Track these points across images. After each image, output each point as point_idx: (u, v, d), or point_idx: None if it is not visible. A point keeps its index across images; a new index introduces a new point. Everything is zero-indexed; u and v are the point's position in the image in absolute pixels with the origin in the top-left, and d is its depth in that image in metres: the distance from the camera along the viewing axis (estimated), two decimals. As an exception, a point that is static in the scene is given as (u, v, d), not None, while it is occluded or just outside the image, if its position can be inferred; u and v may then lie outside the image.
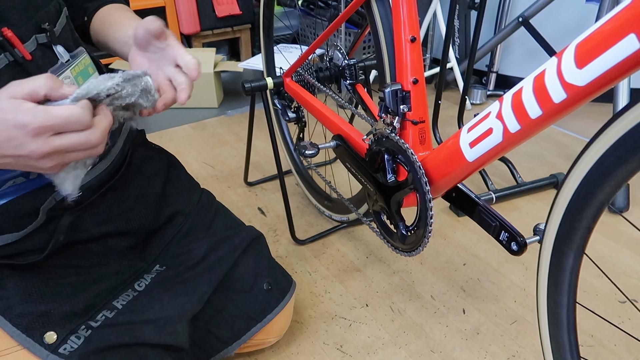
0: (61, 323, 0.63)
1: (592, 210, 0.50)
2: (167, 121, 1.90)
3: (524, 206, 1.33)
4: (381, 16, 0.79)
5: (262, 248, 0.86)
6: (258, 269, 0.83)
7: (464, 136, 0.63)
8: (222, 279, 0.79)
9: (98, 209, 0.74)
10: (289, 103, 1.13)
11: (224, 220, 0.87)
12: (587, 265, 1.05)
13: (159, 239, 0.80)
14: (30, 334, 0.61)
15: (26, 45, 0.61)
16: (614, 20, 0.42)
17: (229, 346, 0.80)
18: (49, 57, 0.64)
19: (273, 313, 0.82)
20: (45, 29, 0.63)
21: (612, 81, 0.44)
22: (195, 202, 0.85)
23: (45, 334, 0.61)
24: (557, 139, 1.69)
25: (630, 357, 0.88)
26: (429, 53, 2.20)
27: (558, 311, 0.59)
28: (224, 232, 0.83)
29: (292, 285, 0.88)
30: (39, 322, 0.62)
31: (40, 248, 0.67)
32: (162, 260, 0.78)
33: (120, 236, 0.75)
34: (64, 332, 0.62)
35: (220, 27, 2.29)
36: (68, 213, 0.70)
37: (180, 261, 0.78)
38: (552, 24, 1.87)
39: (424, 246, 0.76)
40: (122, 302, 0.69)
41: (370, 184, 0.83)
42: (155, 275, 0.76)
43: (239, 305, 0.80)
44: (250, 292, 0.81)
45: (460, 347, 0.91)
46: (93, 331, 0.64)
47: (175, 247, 0.80)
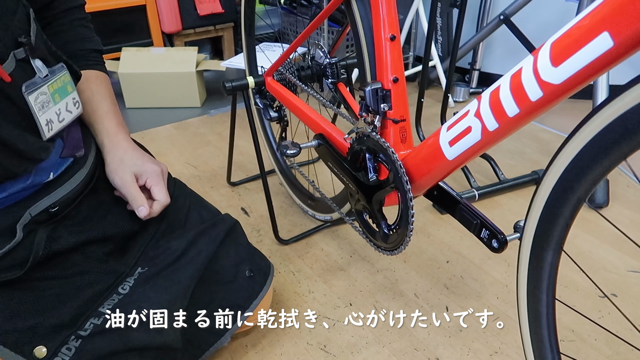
0: (50, 336, 0.61)
1: (570, 206, 0.50)
2: (149, 121, 1.88)
3: (506, 203, 1.34)
4: (361, 15, 0.79)
5: (239, 236, 0.87)
6: (239, 258, 0.84)
7: (443, 134, 0.63)
8: (206, 273, 0.79)
9: (73, 220, 0.72)
10: (270, 102, 1.13)
11: (199, 211, 0.86)
12: (569, 261, 1.06)
13: (136, 243, 0.79)
14: (19, 351, 0.59)
15: (5, 66, 0.58)
16: (588, 19, 0.42)
17: (222, 337, 0.80)
18: (28, 73, 0.62)
19: (259, 298, 0.83)
20: (23, 43, 0.61)
21: (587, 79, 0.44)
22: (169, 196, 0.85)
23: (34, 348, 0.60)
24: (538, 136, 1.71)
25: (610, 351, 0.89)
26: (412, 51, 2.20)
27: (537, 307, 0.59)
28: (200, 226, 0.83)
29: (271, 268, 0.89)
30: (27, 337, 0.60)
31: (19, 263, 0.65)
32: (142, 263, 0.78)
33: (98, 243, 0.74)
34: (53, 345, 0.61)
35: (203, 26, 2.27)
36: (43, 227, 0.68)
37: (160, 260, 0.78)
38: (533, 21, 1.89)
39: (406, 245, 0.76)
40: (107, 307, 0.68)
41: (352, 183, 0.83)
42: (138, 276, 0.75)
43: (226, 296, 0.80)
44: (234, 281, 0.82)
45: (443, 344, 0.91)
46: (83, 340, 0.63)
47: (153, 248, 0.79)
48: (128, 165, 0.75)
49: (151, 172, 0.76)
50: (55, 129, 0.66)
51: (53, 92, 0.65)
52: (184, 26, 2.21)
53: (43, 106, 0.63)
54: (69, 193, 0.70)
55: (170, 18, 2.16)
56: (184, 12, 2.18)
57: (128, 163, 0.75)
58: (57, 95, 0.65)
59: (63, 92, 0.67)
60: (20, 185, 0.65)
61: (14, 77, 0.59)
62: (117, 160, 0.75)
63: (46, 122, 0.64)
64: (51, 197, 0.68)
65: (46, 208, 0.67)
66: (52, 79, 0.65)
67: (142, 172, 0.76)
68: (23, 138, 0.61)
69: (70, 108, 0.69)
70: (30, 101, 0.61)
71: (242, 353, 0.90)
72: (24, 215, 0.65)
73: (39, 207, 0.66)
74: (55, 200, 0.68)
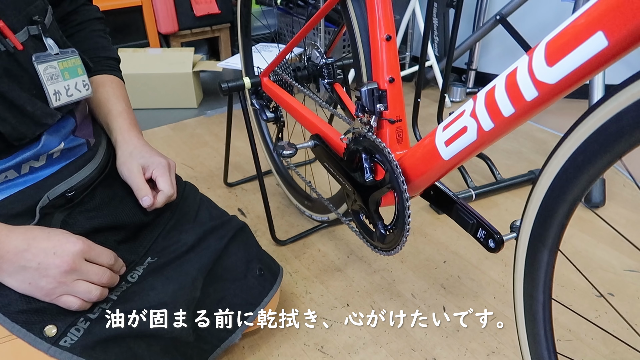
0: (60, 317, 0.63)
1: (565, 206, 0.50)
2: (146, 122, 1.87)
3: (503, 203, 1.34)
4: (357, 15, 0.79)
5: (248, 237, 0.89)
6: (249, 257, 0.85)
7: (439, 135, 0.63)
8: (216, 269, 0.80)
9: (88, 206, 0.75)
10: (267, 103, 1.12)
11: (209, 210, 0.88)
12: (565, 260, 1.07)
13: (148, 233, 0.81)
14: (30, 328, 0.61)
15: (18, 36, 0.64)
16: (583, 18, 0.42)
17: (233, 333, 0.80)
18: (40, 48, 0.67)
19: (269, 295, 0.84)
20: (37, 21, 0.67)
21: (582, 78, 0.44)
22: (179, 195, 0.86)
23: (45, 327, 0.61)
24: (535, 136, 1.71)
25: (607, 350, 0.89)
26: (409, 51, 2.20)
27: (534, 307, 0.59)
28: (210, 223, 0.85)
29: (280, 269, 0.91)
30: (38, 316, 0.62)
31: None
32: (152, 253, 0.79)
33: (111, 230, 0.76)
34: (63, 325, 0.62)
35: (199, 27, 2.27)
36: (59, 211, 0.71)
37: (170, 251, 0.79)
38: (529, 21, 1.89)
39: (402, 245, 0.76)
40: (116, 294, 0.70)
41: (349, 184, 0.83)
42: (147, 266, 0.76)
43: (237, 293, 0.81)
44: (245, 278, 0.83)
45: (440, 344, 0.91)
46: (92, 323, 0.64)
47: (164, 239, 0.81)
48: (136, 157, 0.78)
49: (157, 164, 0.79)
50: (62, 100, 0.70)
51: (63, 70, 0.69)
52: (180, 27, 2.20)
53: (52, 77, 0.68)
54: (85, 179, 0.74)
55: (167, 19, 2.15)
56: (180, 12, 2.18)
57: (136, 156, 0.79)
58: (66, 73, 0.70)
59: (73, 72, 0.71)
60: (32, 151, 0.68)
61: (26, 47, 0.65)
62: (126, 153, 0.79)
63: (54, 92, 0.69)
64: (68, 182, 0.71)
65: (63, 192, 0.70)
66: (62, 58, 0.70)
67: (149, 164, 0.79)
68: (32, 102, 0.66)
69: (79, 87, 0.73)
70: (39, 70, 0.66)
71: (239, 354, 0.90)
72: (43, 198, 0.68)
73: (56, 191, 0.70)
74: (71, 185, 0.72)
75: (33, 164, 0.69)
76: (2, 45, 0.62)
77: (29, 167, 0.69)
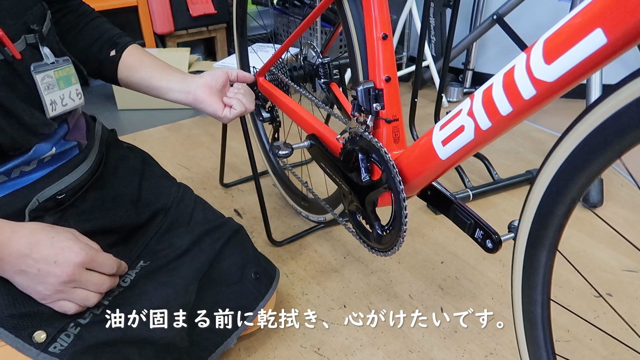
0: (50, 322, 0.62)
1: (564, 206, 0.50)
2: (141, 123, 1.86)
3: (500, 203, 1.34)
4: (352, 14, 0.78)
5: (244, 239, 0.87)
6: (245, 260, 0.84)
7: (436, 134, 0.62)
8: (211, 273, 0.79)
9: (79, 209, 0.74)
10: (263, 103, 1.11)
11: (204, 212, 0.87)
12: (564, 261, 1.06)
13: (141, 236, 0.79)
14: (19, 334, 0.60)
15: (16, 45, 0.63)
16: (581, 15, 0.41)
17: (228, 338, 0.79)
18: (37, 57, 0.67)
19: (264, 300, 0.84)
20: (34, 30, 0.66)
21: (580, 76, 0.44)
22: (173, 197, 0.85)
23: (34, 333, 0.60)
24: (532, 136, 1.70)
25: (606, 351, 0.89)
26: (406, 51, 2.20)
27: (532, 308, 0.59)
28: (205, 225, 0.84)
29: (277, 271, 0.90)
30: (27, 322, 0.61)
31: None
32: (145, 256, 0.78)
33: (102, 234, 0.75)
34: (53, 331, 0.61)
35: (195, 27, 2.26)
36: (49, 214, 0.70)
37: (163, 255, 0.78)
38: (526, 21, 1.89)
39: (399, 245, 0.75)
40: (107, 299, 0.69)
41: (345, 184, 0.82)
42: (140, 270, 0.75)
43: (232, 297, 0.81)
44: (240, 282, 0.82)
45: (438, 346, 0.91)
46: (82, 329, 0.63)
47: (157, 243, 0.80)
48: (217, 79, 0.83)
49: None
50: (58, 110, 0.70)
51: (58, 79, 0.70)
52: (176, 27, 2.20)
53: (48, 87, 0.68)
54: (76, 181, 0.72)
55: (163, 19, 2.14)
56: (176, 13, 2.17)
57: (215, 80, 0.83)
58: (61, 82, 0.70)
59: (67, 81, 0.71)
60: (21, 159, 0.67)
61: (23, 56, 0.64)
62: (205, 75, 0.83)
63: (50, 102, 0.68)
64: (58, 185, 0.70)
65: (53, 195, 0.69)
66: (58, 67, 0.70)
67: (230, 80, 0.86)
68: (29, 112, 0.65)
69: (72, 97, 0.73)
70: (37, 80, 0.66)
71: (235, 357, 0.89)
72: (32, 201, 0.67)
73: (46, 194, 0.68)
74: (62, 188, 0.70)
75: (23, 168, 0.68)
76: (0, 55, 0.61)
77: (19, 171, 0.67)
